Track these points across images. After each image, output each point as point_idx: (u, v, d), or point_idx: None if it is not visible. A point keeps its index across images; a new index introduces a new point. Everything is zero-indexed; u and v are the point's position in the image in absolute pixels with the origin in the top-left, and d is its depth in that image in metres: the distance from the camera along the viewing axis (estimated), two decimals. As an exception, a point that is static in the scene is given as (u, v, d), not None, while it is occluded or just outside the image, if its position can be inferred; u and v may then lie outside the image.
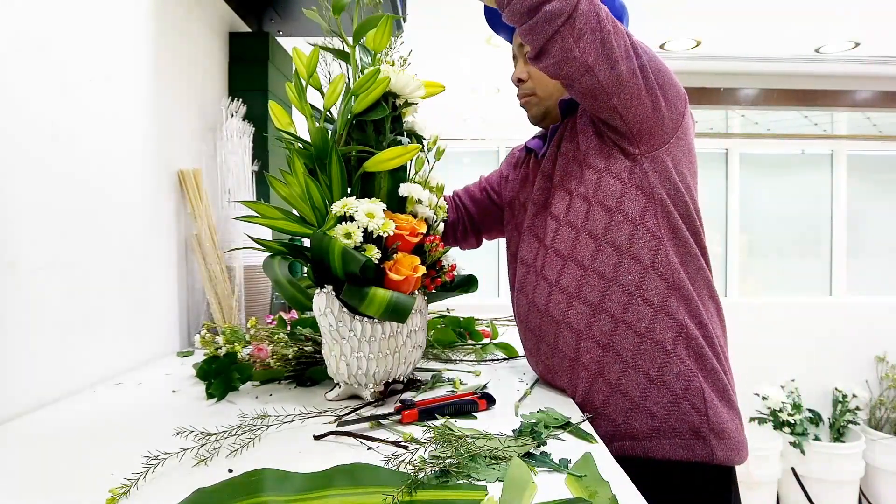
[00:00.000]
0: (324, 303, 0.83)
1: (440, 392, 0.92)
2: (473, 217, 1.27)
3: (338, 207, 0.81)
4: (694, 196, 0.95)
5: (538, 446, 0.67)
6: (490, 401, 0.84)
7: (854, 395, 2.90)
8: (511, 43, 1.10)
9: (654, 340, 0.88)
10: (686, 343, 0.88)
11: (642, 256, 0.89)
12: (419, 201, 0.90)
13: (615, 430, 0.88)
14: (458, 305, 1.56)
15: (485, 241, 1.32)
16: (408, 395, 0.91)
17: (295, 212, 0.90)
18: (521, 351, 1.23)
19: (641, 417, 0.87)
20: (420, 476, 0.57)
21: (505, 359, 1.20)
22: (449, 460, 0.61)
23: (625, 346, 0.88)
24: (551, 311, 0.94)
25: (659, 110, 0.88)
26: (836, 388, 2.96)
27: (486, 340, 1.33)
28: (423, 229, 0.87)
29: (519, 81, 1.05)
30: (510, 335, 1.44)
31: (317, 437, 0.70)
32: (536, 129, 1.14)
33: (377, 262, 0.81)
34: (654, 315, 0.88)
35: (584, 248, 0.91)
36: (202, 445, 0.67)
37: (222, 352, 0.97)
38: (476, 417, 0.80)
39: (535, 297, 0.97)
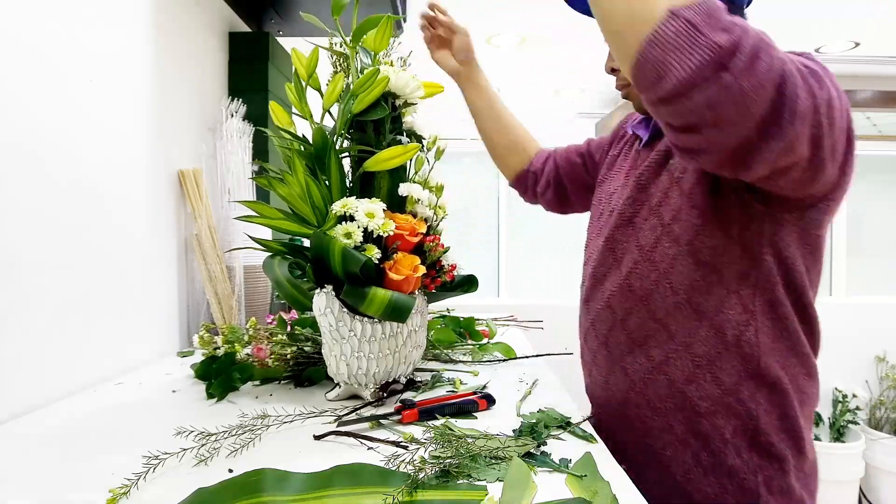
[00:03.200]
0: (324, 303, 0.83)
1: (440, 392, 0.92)
2: (563, 183, 1.15)
3: (338, 207, 0.81)
4: (818, 266, 0.77)
5: (538, 446, 0.67)
6: (490, 401, 0.84)
7: (854, 395, 2.90)
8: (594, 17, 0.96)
9: (713, 424, 0.75)
10: (753, 436, 0.74)
11: (726, 330, 0.74)
12: (419, 201, 0.90)
13: (648, 497, 0.86)
14: (458, 305, 1.56)
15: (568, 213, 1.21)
16: (408, 395, 0.91)
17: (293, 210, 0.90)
18: (517, 353, 1.23)
19: (678, 499, 0.77)
20: (420, 476, 0.57)
21: (503, 360, 1.20)
22: (449, 460, 0.61)
23: (678, 418, 0.77)
24: (609, 346, 0.85)
25: (825, 184, 0.66)
26: (836, 388, 2.95)
27: (485, 340, 1.33)
28: (423, 229, 0.87)
29: (612, 71, 0.89)
30: (509, 336, 1.44)
31: (317, 437, 0.70)
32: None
33: (377, 261, 0.81)
34: (721, 397, 0.75)
35: (661, 298, 0.78)
36: (202, 445, 0.67)
37: (221, 352, 0.97)
38: (476, 417, 0.80)
39: (596, 319, 0.88)
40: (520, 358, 1.19)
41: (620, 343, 0.83)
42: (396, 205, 0.90)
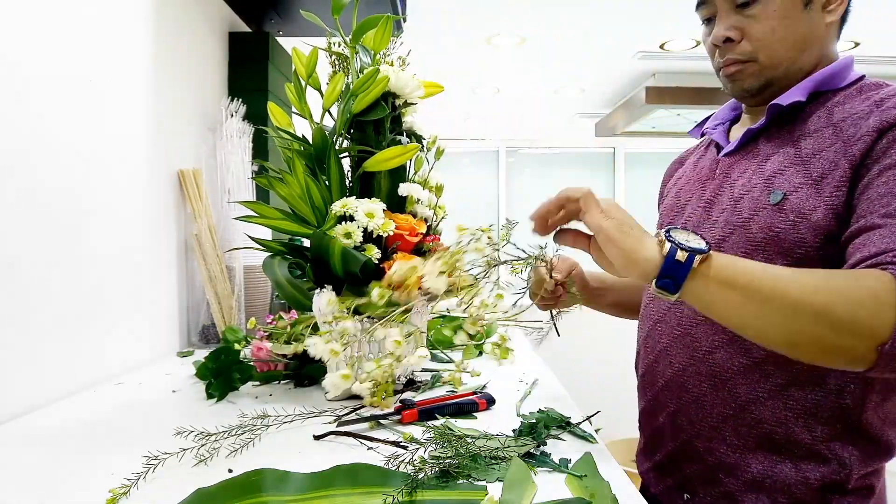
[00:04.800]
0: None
1: (440, 392, 0.92)
2: None
3: (338, 207, 0.81)
4: None
5: (538, 446, 0.67)
6: (490, 401, 0.84)
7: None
8: None
9: (798, 467, 0.72)
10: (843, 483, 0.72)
11: (829, 378, 0.71)
12: (419, 201, 0.90)
13: None
14: (457, 305, 1.56)
15: None
16: (408, 395, 0.91)
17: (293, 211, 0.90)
18: (515, 352, 1.23)
19: None
20: (420, 476, 0.57)
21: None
22: (449, 460, 0.61)
23: (758, 457, 0.75)
24: (686, 377, 0.81)
25: None
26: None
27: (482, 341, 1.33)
28: (423, 229, 0.87)
29: (726, 42, 0.79)
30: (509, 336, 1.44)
31: (317, 437, 0.70)
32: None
33: (377, 261, 0.81)
34: (812, 444, 0.72)
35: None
36: (202, 445, 0.67)
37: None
38: (476, 417, 0.80)
39: (671, 346, 0.85)
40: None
41: (701, 375, 0.78)
42: (396, 205, 0.90)
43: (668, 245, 0.60)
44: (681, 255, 0.59)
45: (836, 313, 0.57)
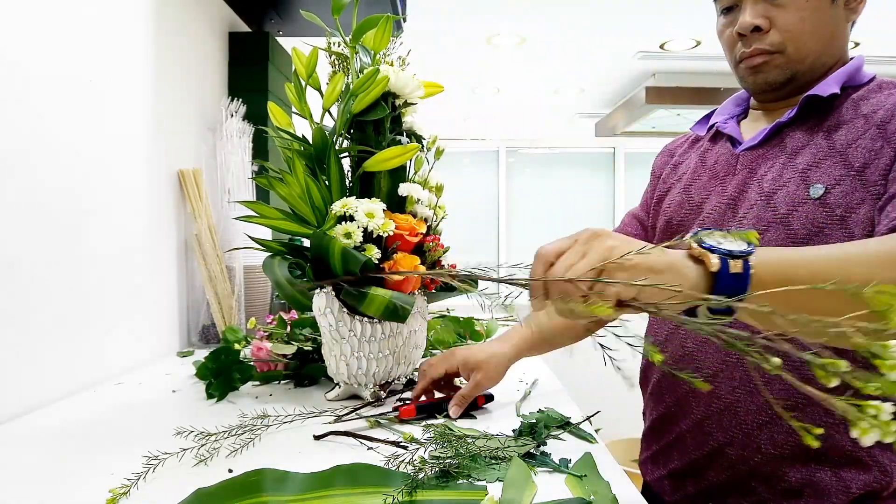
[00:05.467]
0: (324, 303, 0.83)
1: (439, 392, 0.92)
2: None
3: (338, 207, 0.81)
4: None
5: (538, 446, 0.67)
6: (488, 397, 0.84)
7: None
8: None
9: (838, 476, 0.70)
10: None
11: None
12: (418, 201, 0.90)
13: None
14: (458, 305, 1.56)
15: None
16: (407, 394, 0.91)
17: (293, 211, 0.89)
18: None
19: None
20: (420, 476, 0.57)
21: None
22: (449, 460, 0.61)
23: (796, 465, 0.72)
24: (718, 382, 0.77)
25: None
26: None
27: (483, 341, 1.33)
28: (423, 229, 0.87)
29: (754, 31, 0.76)
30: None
31: (317, 437, 0.71)
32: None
33: (377, 262, 0.81)
34: (853, 451, 0.70)
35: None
36: (202, 445, 0.67)
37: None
38: (476, 417, 0.80)
39: (697, 351, 0.80)
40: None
41: (734, 381, 0.75)
42: (396, 205, 0.90)
43: (713, 257, 0.47)
44: (735, 266, 0.47)
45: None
